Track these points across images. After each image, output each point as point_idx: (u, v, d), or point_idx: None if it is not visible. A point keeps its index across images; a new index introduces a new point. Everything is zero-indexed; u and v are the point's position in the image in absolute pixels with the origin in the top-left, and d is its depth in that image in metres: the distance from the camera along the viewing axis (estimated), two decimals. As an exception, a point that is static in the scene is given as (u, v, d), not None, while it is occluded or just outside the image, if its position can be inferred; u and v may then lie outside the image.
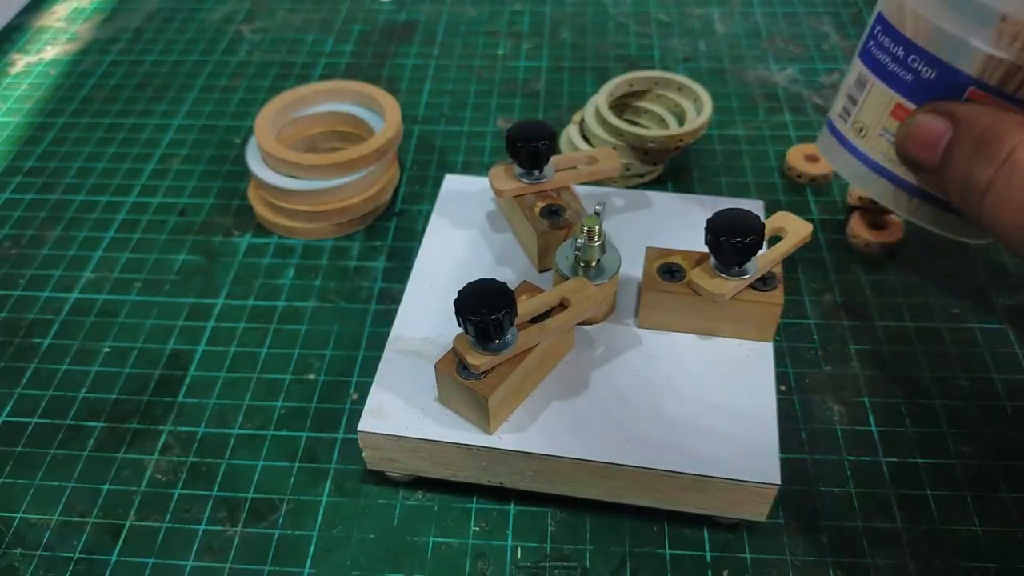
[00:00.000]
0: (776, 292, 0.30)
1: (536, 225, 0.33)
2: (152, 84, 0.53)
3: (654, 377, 0.30)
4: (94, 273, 0.40)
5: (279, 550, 0.29)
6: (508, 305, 0.26)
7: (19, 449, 0.33)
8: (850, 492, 0.30)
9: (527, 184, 0.34)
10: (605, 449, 0.27)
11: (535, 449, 0.28)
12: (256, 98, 0.51)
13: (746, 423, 0.28)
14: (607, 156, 0.35)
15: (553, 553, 0.29)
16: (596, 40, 0.55)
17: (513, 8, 0.59)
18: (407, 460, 0.29)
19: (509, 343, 0.27)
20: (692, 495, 0.28)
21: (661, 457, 0.27)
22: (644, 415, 0.28)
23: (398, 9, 0.59)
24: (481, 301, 0.26)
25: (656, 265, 0.31)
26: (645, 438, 0.28)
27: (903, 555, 0.28)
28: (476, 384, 0.27)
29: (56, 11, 0.60)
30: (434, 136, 0.47)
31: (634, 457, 0.27)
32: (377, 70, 0.53)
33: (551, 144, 0.33)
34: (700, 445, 0.27)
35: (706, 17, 0.57)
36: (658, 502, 0.28)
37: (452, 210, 0.37)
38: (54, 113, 0.50)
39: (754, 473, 0.27)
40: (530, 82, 0.52)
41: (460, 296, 0.26)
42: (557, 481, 0.29)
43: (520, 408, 0.29)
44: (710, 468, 0.27)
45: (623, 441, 0.28)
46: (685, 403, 0.29)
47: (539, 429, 0.28)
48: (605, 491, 0.28)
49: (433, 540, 0.29)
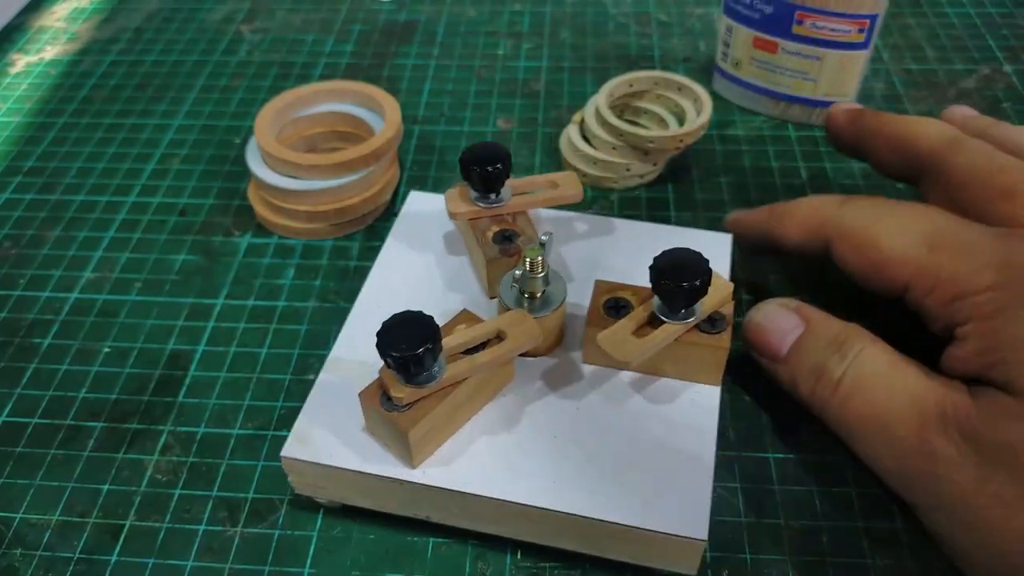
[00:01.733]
0: (723, 335, 0.29)
1: (487, 251, 0.32)
2: (152, 84, 0.53)
3: (592, 417, 0.29)
4: (94, 273, 0.40)
5: (279, 550, 0.29)
6: (431, 340, 0.25)
7: (19, 449, 0.33)
8: (849, 492, 0.30)
9: (482, 208, 0.33)
10: (530, 491, 0.26)
11: (457, 487, 0.27)
12: (256, 98, 0.51)
13: (681, 472, 0.27)
14: (568, 181, 0.34)
15: (553, 554, 0.29)
16: (596, 40, 0.55)
17: (513, 8, 0.59)
18: (331, 488, 0.29)
19: (435, 376, 0.26)
20: (620, 544, 0.27)
21: (588, 503, 0.26)
22: (575, 457, 0.27)
23: (398, 9, 0.59)
24: (403, 335, 0.25)
25: (603, 300, 0.30)
26: (574, 482, 0.27)
27: (903, 556, 0.28)
28: (398, 417, 0.26)
29: (56, 11, 0.60)
30: (434, 136, 0.48)
31: (559, 502, 0.26)
32: (377, 70, 0.53)
33: (505, 167, 0.32)
34: (631, 493, 0.26)
35: (706, 17, 0.57)
36: (586, 548, 0.27)
37: (412, 229, 0.36)
38: (54, 113, 0.50)
39: (681, 526, 0.25)
40: (530, 82, 0.52)
41: (382, 329, 0.26)
42: (481, 520, 0.28)
43: (449, 441, 0.28)
44: (638, 519, 0.26)
45: (550, 483, 0.27)
46: (621, 446, 0.28)
47: (465, 465, 0.27)
48: (529, 533, 0.28)
49: (433, 540, 0.29)
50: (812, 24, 0.43)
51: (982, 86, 0.50)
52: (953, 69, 0.51)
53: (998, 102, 0.48)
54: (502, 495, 0.26)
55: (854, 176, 0.44)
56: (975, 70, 0.51)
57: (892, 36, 0.54)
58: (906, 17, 0.56)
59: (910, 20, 0.56)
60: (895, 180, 0.35)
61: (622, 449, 0.28)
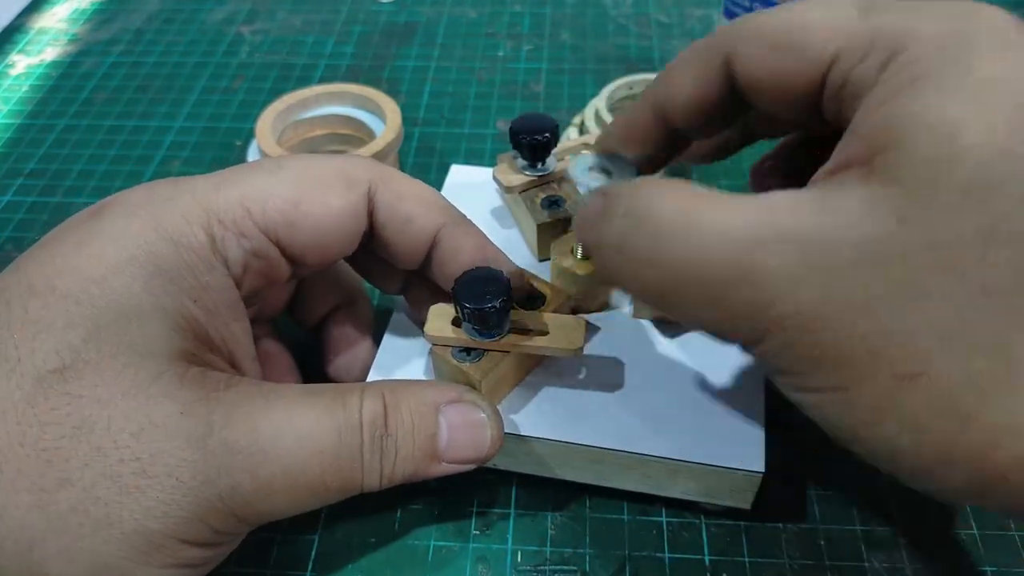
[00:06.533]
0: None
1: (536, 216, 0.33)
2: (153, 86, 0.53)
3: (647, 365, 0.30)
4: (96, 276, 0.40)
5: (280, 554, 0.29)
6: (505, 294, 0.26)
7: (22, 452, 0.33)
8: (849, 492, 0.30)
9: (530, 177, 0.34)
10: (595, 433, 0.28)
11: (527, 432, 0.28)
12: (257, 100, 0.51)
13: (734, 411, 0.29)
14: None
15: (553, 556, 0.29)
16: (596, 42, 0.55)
17: (513, 9, 0.59)
18: None
19: (504, 332, 0.27)
20: (682, 481, 0.28)
21: (651, 443, 0.28)
22: (634, 401, 0.29)
23: (398, 11, 0.59)
24: (478, 289, 0.26)
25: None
26: (634, 424, 0.28)
27: (902, 559, 0.28)
28: (470, 368, 0.27)
29: (56, 12, 0.61)
30: (434, 138, 0.48)
31: (623, 442, 0.28)
32: (377, 72, 0.53)
33: (553, 136, 0.33)
34: (690, 433, 0.28)
35: (706, 19, 0.57)
36: (645, 487, 0.29)
37: (456, 201, 0.37)
38: (55, 115, 0.51)
39: (740, 460, 0.27)
40: (530, 84, 0.52)
41: (459, 281, 0.27)
42: (546, 465, 0.29)
43: (514, 392, 0.29)
44: (700, 455, 0.27)
45: (613, 426, 0.28)
46: (675, 391, 0.29)
47: (532, 412, 0.29)
48: (591, 475, 0.29)
49: (434, 544, 0.29)
50: None
51: (981, 88, 0.50)
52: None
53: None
54: (568, 438, 0.28)
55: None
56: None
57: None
58: (906, 18, 0.56)
59: (910, 21, 0.56)
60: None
61: (677, 393, 0.29)
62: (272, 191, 0.26)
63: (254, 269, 0.26)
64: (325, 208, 0.26)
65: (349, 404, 0.24)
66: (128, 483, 0.21)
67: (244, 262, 0.26)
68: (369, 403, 0.24)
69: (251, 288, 0.27)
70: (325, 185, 0.27)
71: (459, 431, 0.25)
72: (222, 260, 0.25)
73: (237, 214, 0.25)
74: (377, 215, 0.28)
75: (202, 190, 0.26)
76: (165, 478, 0.21)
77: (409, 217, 0.28)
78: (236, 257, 0.25)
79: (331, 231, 0.27)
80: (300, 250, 0.27)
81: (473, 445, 0.26)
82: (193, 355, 0.24)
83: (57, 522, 0.21)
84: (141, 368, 0.22)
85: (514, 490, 0.31)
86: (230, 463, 0.22)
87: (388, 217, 0.28)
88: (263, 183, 0.26)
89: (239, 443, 0.22)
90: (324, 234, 0.27)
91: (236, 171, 0.27)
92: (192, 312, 0.24)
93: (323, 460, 0.23)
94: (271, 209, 0.26)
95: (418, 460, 0.25)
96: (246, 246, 0.26)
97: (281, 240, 0.26)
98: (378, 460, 0.24)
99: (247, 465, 0.22)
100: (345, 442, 0.23)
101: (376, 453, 0.24)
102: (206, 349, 0.25)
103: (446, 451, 0.25)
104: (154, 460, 0.21)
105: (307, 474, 0.23)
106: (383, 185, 0.28)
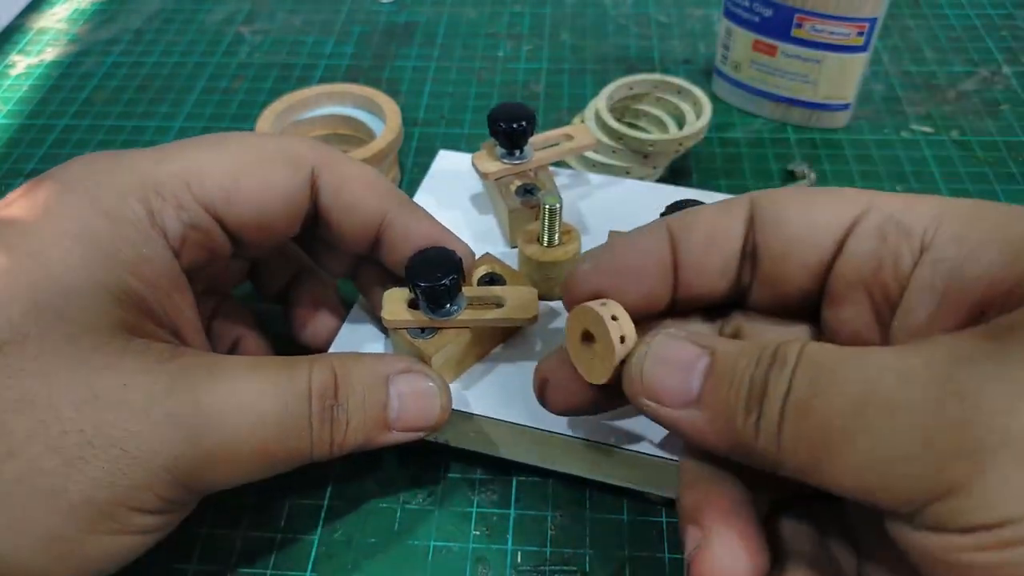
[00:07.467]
0: None
1: (509, 202, 0.34)
2: (153, 86, 0.53)
3: None
4: (96, 276, 0.40)
5: (280, 554, 0.29)
6: (455, 273, 0.27)
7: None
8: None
9: (508, 165, 0.35)
10: (536, 415, 0.28)
11: (475, 411, 0.29)
12: (257, 100, 0.51)
13: None
14: (581, 132, 0.36)
15: (553, 557, 0.29)
16: (596, 42, 0.55)
17: (513, 9, 0.59)
18: None
19: (457, 311, 0.28)
20: (622, 470, 0.29)
21: (597, 430, 0.28)
22: None
23: (398, 11, 0.59)
24: (430, 268, 0.27)
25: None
26: None
27: (901, 559, 0.28)
28: (423, 344, 0.28)
29: (56, 12, 0.61)
30: (434, 138, 0.48)
31: (566, 426, 0.28)
32: (377, 72, 0.53)
33: (529, 126, 0.33)
34: (646, 425, 0.28)
35: (706, 19, 0.57)
36: (588, 472, 0.29)
37: (440, 184, 0.38)
38: (55, 115, 0.51)
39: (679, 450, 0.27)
40: (530, 84, 0.52)
41: (411, 260, 0.27)
42: (494, 445, 0.30)
43: (469, 371, 0.30)
44: (644, 446, 0.28)
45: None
46: None
47: (482, 392, 0.29)
48: (537, 456, 0.29)
49: (434, 544, 0.29)
50: (811, 27, 0.43)
51: (981, 88, 0.50)
52: (952, 71, 0.51)
53: (997, 104, 0.48)
54: (512, 418, 0.28)
55: (852, 179, 0.44)
56: (974, 72, 0.51)
57: (891, 38, 0.55)
58: (905, 19, 0.56)
59: (909, 22, 0.56)
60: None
61: None
62: (212, 165, 0.26)
63: (193, 241, 0.26)
64: (264, 184, 0.27)
65: (296, 375, 0.24)
66: (72, 454, 0.21)
67: (183, 235, 0.26)
68: (319, 374, 0.24)
69: (192, 261, 0.27)
70: (266, 162, 0.27)
71: (408, 400, 0.26)
72: (160, 232, 0.25)
73: (176, 187, 0.25)
74: (322, 198, 0.28)
75: (142, 163, 0.26)
76: (109, 448, 0.21)
77: (354, 201, 0.28)
78: (174, 229, 0.26)
79: (271, 208, 0.27)
80: (239, 225, 0.27)
81: (423, 414, 0.26)
82: (135, 327, 0.24)
83: (2, 495, 0.21)
84: (82, 341, 0.22)
85: (514, 490, 0.31)
86: (173, 434, 0.22)
87: (332, 200, 0.28)
88: (204, 157, 0.26)
89: (181, 414, 0.22)
90: (263, 211, 0.27)
91: (179, 145, 0.27)
92: (132, 285, 0.24)
93: (266, 430, 0.23)
94: (210, 183, 0.26)
95: (369, 429, 0.25)
96: (184, 218, 0.26)
97: (220, 214, 0.26)
98: (328, 430, 0.24)
99: (189, 435, 0.22)
100: (291, 411, 0.24)
101: (326, 423, 0.24)
102: (148, 321, 0.25)
103: (396, 420, 0.26)
104: (97, 431, 0.21)
105: (250, 443, 0.23)
106: (328, 168, 0.28)
